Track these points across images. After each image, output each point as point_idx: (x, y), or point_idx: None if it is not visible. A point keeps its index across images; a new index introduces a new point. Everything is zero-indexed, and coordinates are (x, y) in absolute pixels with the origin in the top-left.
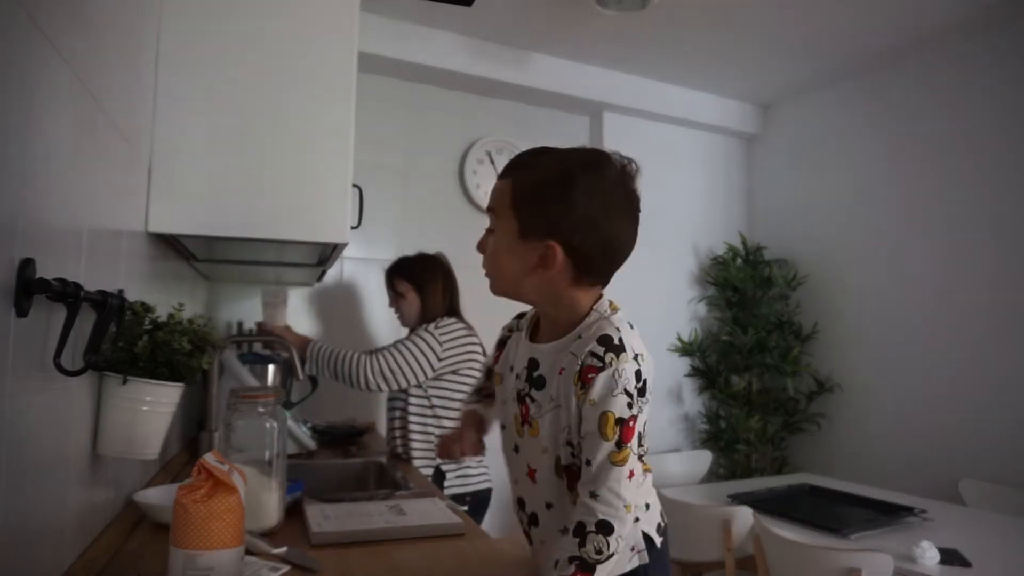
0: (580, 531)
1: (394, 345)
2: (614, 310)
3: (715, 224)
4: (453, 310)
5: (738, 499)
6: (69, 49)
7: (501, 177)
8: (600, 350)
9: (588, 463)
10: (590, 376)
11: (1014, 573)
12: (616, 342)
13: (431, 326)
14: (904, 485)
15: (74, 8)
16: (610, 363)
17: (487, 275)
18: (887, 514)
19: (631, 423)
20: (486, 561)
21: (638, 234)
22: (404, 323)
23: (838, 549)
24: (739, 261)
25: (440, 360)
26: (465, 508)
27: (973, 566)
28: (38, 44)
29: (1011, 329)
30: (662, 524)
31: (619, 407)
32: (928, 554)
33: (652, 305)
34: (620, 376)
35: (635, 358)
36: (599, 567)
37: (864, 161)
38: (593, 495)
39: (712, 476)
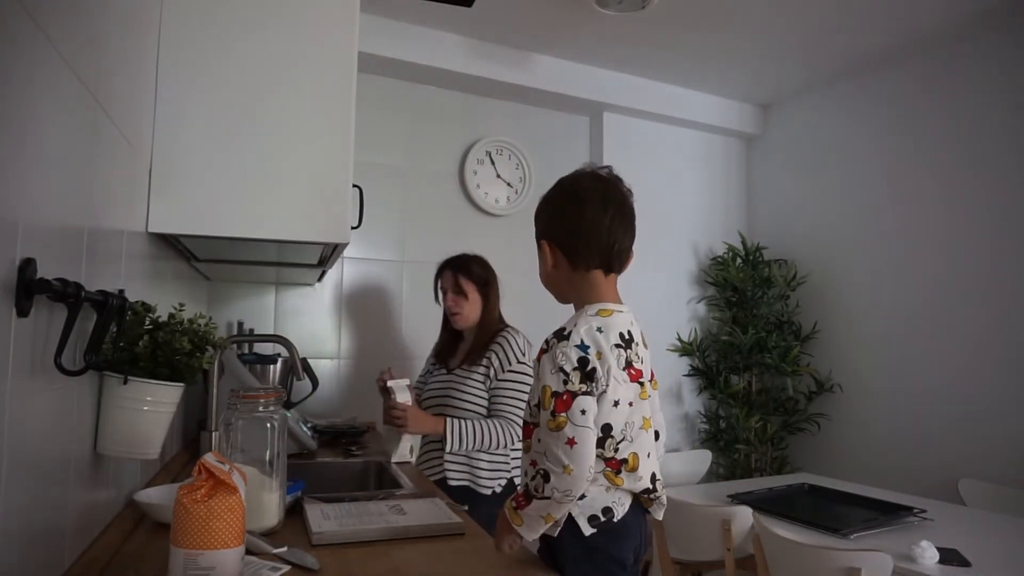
0: (532, 471)
1: (510, 396)
2: (603, 313)
3: (715, 224)
4: (501, 316)
5: (738, 499)
6: (70, 50)
7: None
8: (550, 336)
9: (538, 425)
10: (540, 358)
11: (1014, 573)
12: (565, 333)
13: (516, 353)
14: (904, 485)
15: (75, 9)
16: (551, 347)
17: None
18: (887, 514)
19: (565, 396)
20: (486, 561)
21: (624, 222)
22: (460, 322)
23: (838, 549)
24: (739, 261)
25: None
26: (465, 508)
27: (972, 566)
28: (40, 45)
29: (1010, 329)
30: (602, 519)
31: (555, 382)
32: (927, 554)
33: (652, 305)
34: (556, 357)
35: (578, 346)
36: (534, 500)
37: (864, 161)
38: (542, 452)
39: (712, 476)
